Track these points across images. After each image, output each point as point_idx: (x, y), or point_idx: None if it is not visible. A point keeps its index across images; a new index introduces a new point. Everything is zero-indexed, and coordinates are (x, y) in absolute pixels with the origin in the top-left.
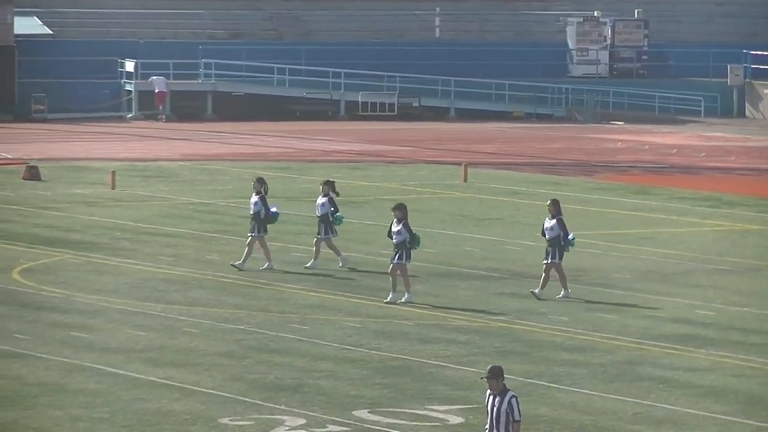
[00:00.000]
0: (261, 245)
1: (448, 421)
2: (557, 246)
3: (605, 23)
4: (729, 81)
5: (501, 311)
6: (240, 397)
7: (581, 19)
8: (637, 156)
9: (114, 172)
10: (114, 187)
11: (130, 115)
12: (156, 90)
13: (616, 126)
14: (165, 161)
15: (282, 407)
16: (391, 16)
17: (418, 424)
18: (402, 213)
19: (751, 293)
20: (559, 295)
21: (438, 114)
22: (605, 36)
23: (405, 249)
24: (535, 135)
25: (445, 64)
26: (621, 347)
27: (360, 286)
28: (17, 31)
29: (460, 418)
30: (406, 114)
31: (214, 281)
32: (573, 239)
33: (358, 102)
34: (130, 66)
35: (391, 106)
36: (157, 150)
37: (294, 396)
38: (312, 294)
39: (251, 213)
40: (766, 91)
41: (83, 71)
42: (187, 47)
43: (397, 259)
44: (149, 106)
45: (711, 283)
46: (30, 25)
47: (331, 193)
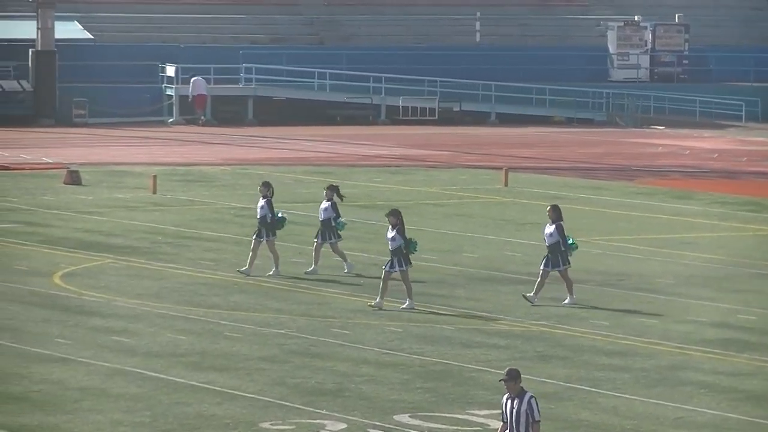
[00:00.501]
0: (270, 250)
1: (488, 426)
2: (558, 252)
3: (646, 27)
4: None
5: (542, 316)
6: (281, 402)
7: (622, 24)
8: (678, 160)
9: (155, 176)
10: (155, 192)
11: (170, 120)
12: (195, 93)
13: (656, 130)
14: (206, 166)
15: (323, 411)
16: (432, 20)
17: (458, 428)
18: (396, 219)
19: None
20: (565, 301)
21: (478, 118)
22: (646, 40)
23: (401, 255)
24: (576, 139)
25: (486, 68)
26: (663, 352)
27: (401, 290)
28: (58, 36)
29: (500, 422)
30: (446, 118)
31: (255, 285)
32: (573, 244)
33: (398, 106)
34: (170, 70)
35: (432, 110)
36: (198, 154)
37: (335, 400)
38: (353, 298)
39: (258, 217)
40: None
41: (124, 76)
42: (228, 52)
43: (394, 266)
44: (190, 110)
45: (752, 288)
46: (71, 30)
47: (335, 198)
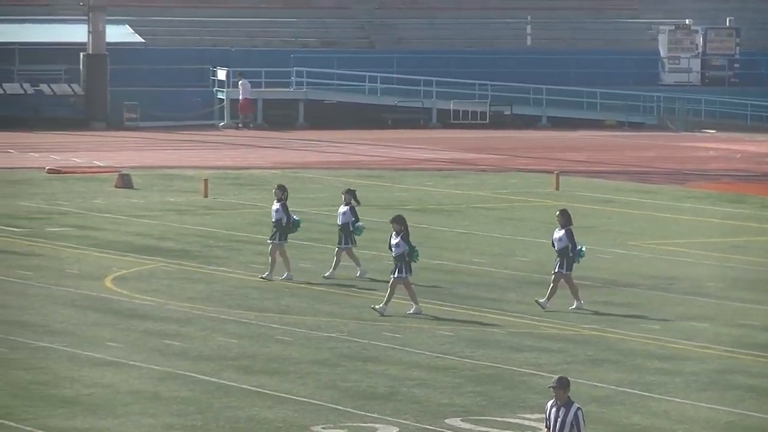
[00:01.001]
0: (281, 254)
1: (539, 429)
2: (565, 257)
3: (697, 31)
4: None
5: (593, 319)
6: (333, 405)
7: (673, 28)
8: (729, 164)
9: (206, 180)
10: (206, 195)
11: (222, 124)
12: (240, 98)
13: (707, 134)
14: (257, 169)
15: (374, 415)
16: (483, 24)
17: None
18: (400, 225)
19: None
20: (572, 307)
21: (529, 122)
22: (697, 44)
23: (404, 262)
24: (627, 143)
25: (537, 72)
26: (713, 356)
27: (452, 294)
28: (109, 40)
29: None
30: (497, 122)
31: (306, 289)
32: (581, 250)
33: (449, 110)
34: (222, 74)
35: (483, 114)
36: (249, 158)
37: (387, 404)
38: (405, 302)
39: (272, 221)
40: None
41: (175, 79)
42: (279, 55)
43: (398, 273)
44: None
45: None
46: (122, 34)
47: (353, 202)
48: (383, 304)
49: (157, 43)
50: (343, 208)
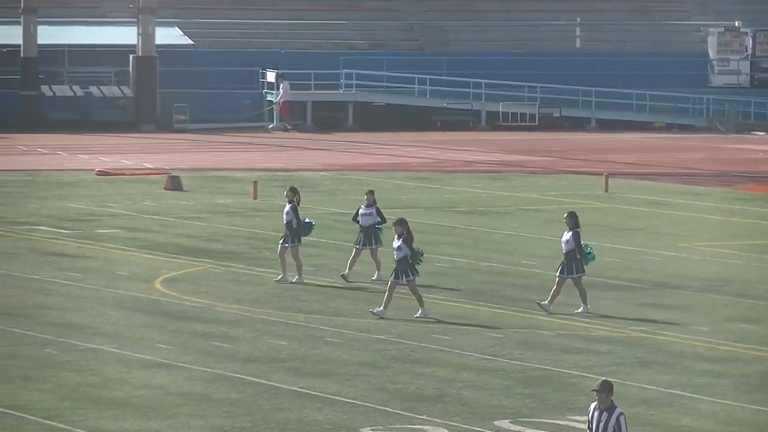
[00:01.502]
0: (293, 256)
1: None
2: (573, 260)
3: (746, 33)
4: None
5: (642, 321)
6: (381, 407)
7: (722, 30)
8: None
9: (255, 182)
10: (256, 197)
11: (271, 126)
12: (280, 100)
13: (756, 136)
14: (306, 171)
15: (423, 417)
16: (532, 26)
17: None
18: (402, 228)
19: None
20: (579, 310)
21: (578, 124)
22: (746, 46)
23: (407, 266)
24: (676, 145)
25: (586, 74)
26: (763, 358)
27: (502, 296)
28: (159, 42)
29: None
30: (546, 124)
31: (355, 291)
32: (590, 253)
33: (498, 112)
34: (271, 76)
35: (532, 116)
36: (298, 160)
37: (435, 406)
38: (453, 304)
39: (284, 223)
40: None
41: (224, 81)
42: (328, 57)
43: (397, 278)
44: (291, 116)
45: None
46: (171, 36)
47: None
48: (382, 307)
49: (207, 45)
50: (368, 209)
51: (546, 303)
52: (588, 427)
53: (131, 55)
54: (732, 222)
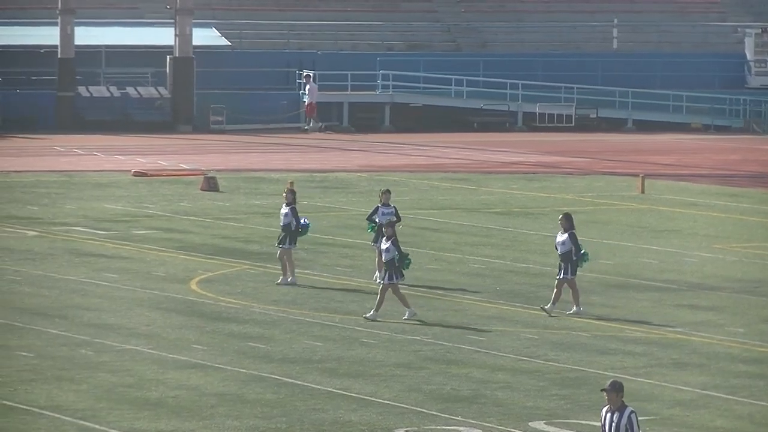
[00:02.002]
0: (287, 258)
1: None
2: (569, 261)
3: None
4: None
5: (678, 323)
6: (417, 408)
7: (759, 30)
8: None
9: (292, 182)
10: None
11: (307, 127)
12: (306, 101)
13: None
14: (343, 172)
15: (458, 418)
16: (569, 27)
17: None
18: (391, 230)
19: None
20: (570, 311)
21: (615, 125)
22: None
23: (394, 268)
24: (713, 146)
25: (623, 75)
26: None
27: (537, 297)
28: (196, 43)
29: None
30: (583, 125)
31: (390, 292)
32: (585, 254)
33: (535, 113)
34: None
35: (569, 117)
36: (335, 161)
37: (470, 407)
38: (489, 305)
39: (281, 224)
40: None
41: (261, 82)
42: (365, 58)
43: (387, 279)
44: (327, 117)
45: None
46: (208, 37)
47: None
48: (374, 311)
49: (244, 46)
50: (387, 208)
51: (549, 306)
52: (602, 430)
53: (168, 56)
54: None
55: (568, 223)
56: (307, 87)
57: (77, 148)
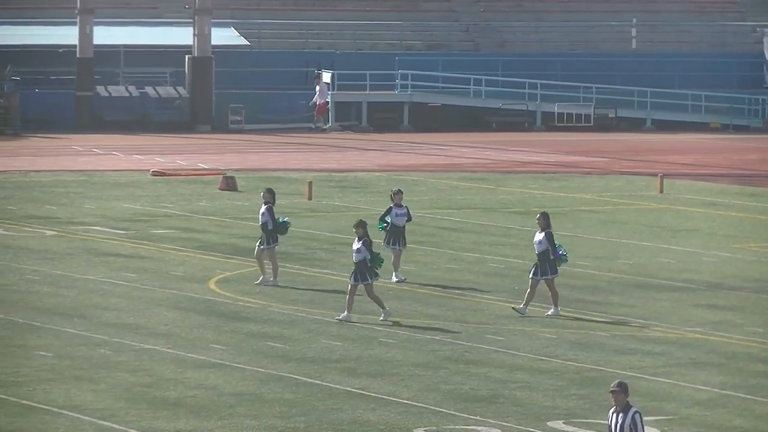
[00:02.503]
0: (269, 258)
1: None
2: (546, 261)
3: None
4: None
5: (697, 322)
6: (435, 408)
7: None
8: None
9: (310, 182)
10: (311, 198)
11: (326, 126)
12: (319, 100)
13: None
14: (361, 172)
15: (477, 418)
16: (588, 27)
17: None
18: (363, 230)
19: None
20: (548, 313)
21: (634, 125)
22: None
23: (365, 268)
24: (732, 146)
25: (642, 74)
26: None
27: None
28: (214, 42)
29: (655, 429)
30: (602, 125)
31: (410, 291)
32: (564, 255)
33: (554, 113)
34: (326, 77)
35: (588, 116)
36: (354, 161)
37: (489, 406)
38: (508, 305)
39: (260, 224)
40: None
41: (280, 82)
42: (384, 58)
43: (356, 281)
44: (346, 116)
45: None
46: (227, 36)
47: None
48: (346, 312)
49: (262, 46)
50: (400, 209)
51: (521, 307)
52: None
53: (187, 56)
54: None
55: (545, 222)
56: (317, 87)
57: (96, 147)
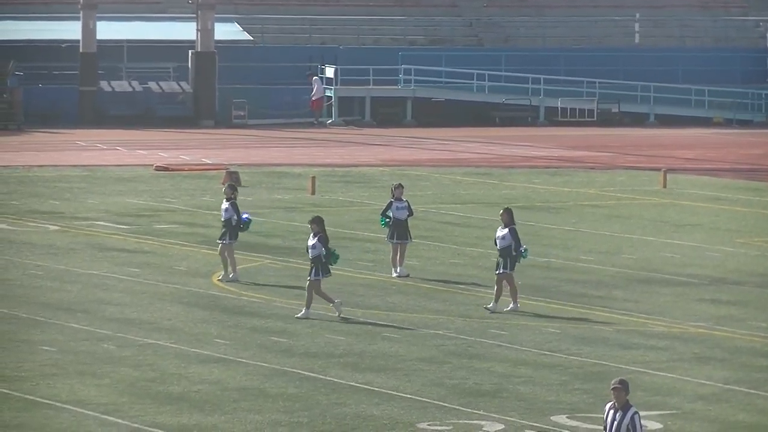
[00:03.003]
0: (228, 254)
1: (646, 427)
2: (508, 256)
3: None
4: None
5: (700, 317)
6: (439, 402)
7: None
8: None
9: (314, 177)
10: (314, 193)
11: (330, 121)
12: (313, 97)
13: None
14: (365, 167)
15: (480, 412)
16: (591, 22)
17: None
18: (318, 226)
19: None
20: (507, 308)
21: (637, 119)
22: None
23: (320, 264)
24: (735, 141)
25: (645, 69)
26: None
27: (559, 291)
28: (218, 38)
29: (658, 424)
30: (605, 120)
31: (413, 286)
32: (526, 250)
33: (557, 108)
34: (330, 72)
35: (591, 111)
36: (357, 155)
37: (492, 401)
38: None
39: (222, 220)
40: None
41: (283, 77)
42: (387, 53)
43: (314, 275)
44: (350, 111)
45: None
46: (230, 31)
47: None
48: (305, 309)
49: (266, 41)
50: (400, 203)
51: (492, 305)
52: (603, 428)
53: (190, 51)
54: None
55: (508, 218)
56: (314, 81)
57: (99, 142)
